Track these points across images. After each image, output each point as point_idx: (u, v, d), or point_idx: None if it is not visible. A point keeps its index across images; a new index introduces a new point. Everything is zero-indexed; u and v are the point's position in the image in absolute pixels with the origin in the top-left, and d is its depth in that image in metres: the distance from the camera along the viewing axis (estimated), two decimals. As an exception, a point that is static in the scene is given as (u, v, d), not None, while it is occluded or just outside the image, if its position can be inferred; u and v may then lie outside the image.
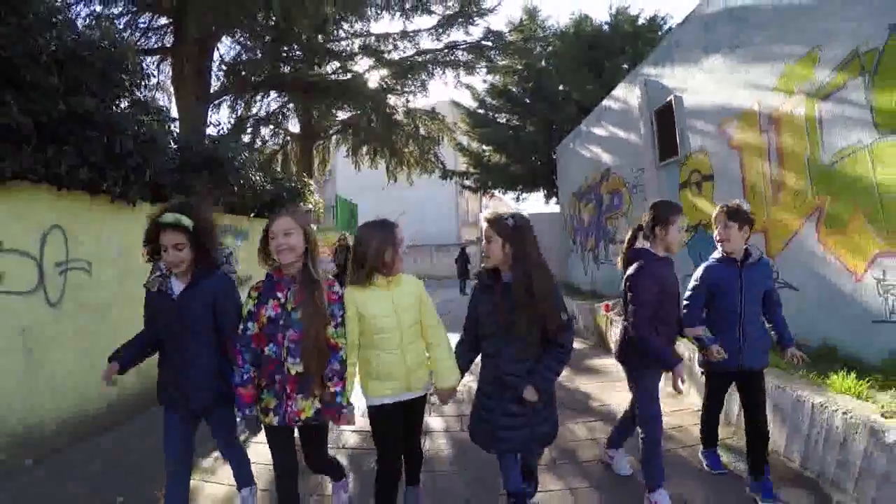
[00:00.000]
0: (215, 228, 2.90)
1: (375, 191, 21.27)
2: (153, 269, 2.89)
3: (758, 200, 5.92)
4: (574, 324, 2.98)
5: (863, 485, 3.12)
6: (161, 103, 6.76)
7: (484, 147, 20.28)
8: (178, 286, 2.78)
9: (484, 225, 2.81)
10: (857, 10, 4.62)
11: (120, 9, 12.19)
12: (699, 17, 7.19)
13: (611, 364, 7.15)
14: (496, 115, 20.06)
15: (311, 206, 10.20)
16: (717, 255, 3.56)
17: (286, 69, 12.75)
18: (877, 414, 3.21)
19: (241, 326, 2.67)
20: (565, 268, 14.65)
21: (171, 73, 11.24)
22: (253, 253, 7.13)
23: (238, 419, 2.80)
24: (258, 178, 7.43)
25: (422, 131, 17.60)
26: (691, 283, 3.57)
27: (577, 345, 8.55)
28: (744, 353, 3.40)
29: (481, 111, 20.05)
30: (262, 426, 2.71)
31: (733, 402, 4.43)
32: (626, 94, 9.86)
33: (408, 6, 12.57)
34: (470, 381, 3.75)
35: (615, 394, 5.76)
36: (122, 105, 4.89)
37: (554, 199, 18.83)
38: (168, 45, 12.77)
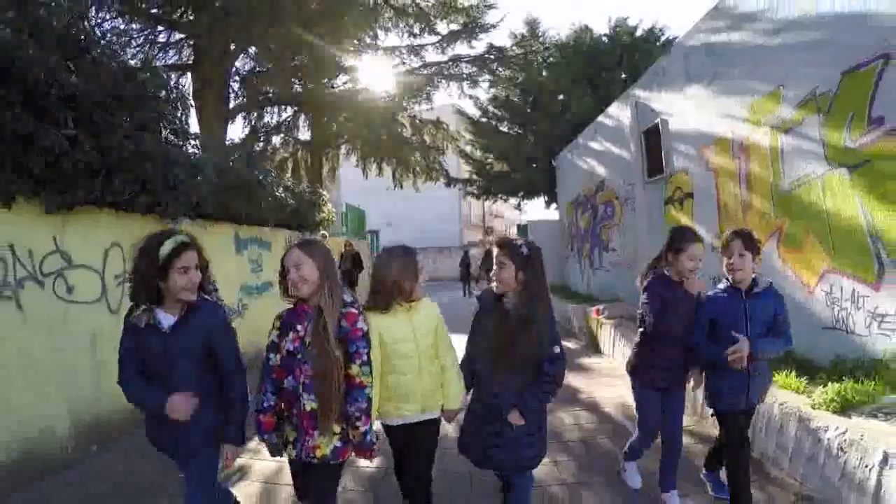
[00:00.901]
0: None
1: (379, 193, 21.83)
2: (132, 308, 2.60)
3: (730, 218, 6.63)
4: (565, 359, 2.89)
5: (795, 463, 3.84)
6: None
7: (486, 156, 21.01)
8: (166, 319, 2.56)
9: (496, 250, 2.87)
10: (815, 56, 5.29)
11: (140, 25, 13.00)
12: (682, 48, 7.89)
13: (598, 363, 7.91)
14: (498, 125, 20.76)
15: (323, 232, 10.93)
16: (722, 284, 3.42)
17: (298, 86, 13.52)
18: (807, 406, 3.92)
19: (266, 355, 2.65)
20: (564, 272, 15.38)
21: (191, 90, 11.99)
22: (274, 262, 7.92)
23: (220, 464, 2.73)
24: (281, 193, 8.21)
25: (427, 140, 18.32)
26: (696, 317, 3.45)
27: (570, 344, 9.33)
28: (750, 390, 3.28)
29: (484, 120, 20.75)
30: (285, 454, 2.72)
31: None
32: (619, 113, 10.56)
33: (415, 29, 13.28)
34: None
35: (601, 388, 6.53)
36: (172, 137, 5.57)
37: (554, 205, 19.51)
38: (187, 62, 13.54)
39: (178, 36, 13.73)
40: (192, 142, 6.13)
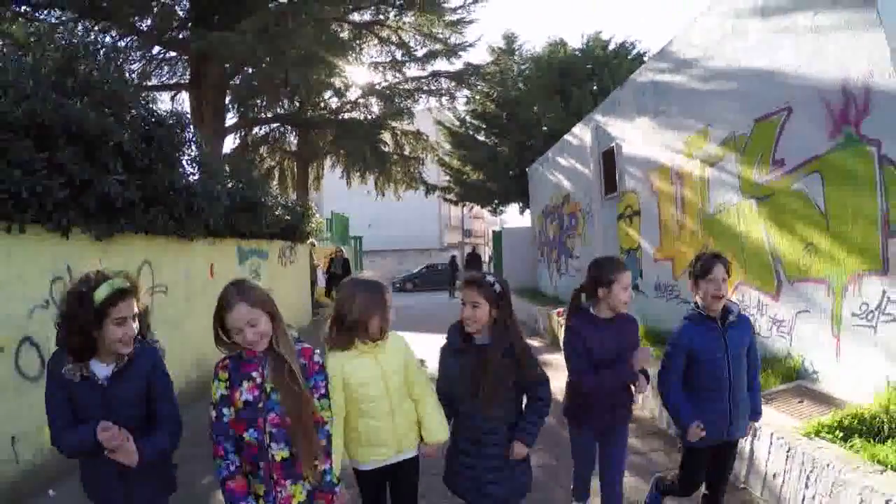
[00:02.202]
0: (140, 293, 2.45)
1: (360, 195, 22.41)
2: (58, 354, 2.34)
3: (669, 235, 7.74)
4: (549, 379, 2.92)
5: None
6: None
7: (464, 165, 22.09)
8: (101, 370, 2.32)
9: (465, 290, 2.75)
10: (735, 103, 6.34)
11: (138, 43, 13.81)
12: (634, 83, 8.99)
13: (558, 358, 8.95)
14: (476, 135, 21.87)
15: (312, 241, 11.90)
16: (691, 313, 3.22)
17: (286, 104, 14.54)
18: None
19: (215, 413, 2.35)
20: (534, 276, 16.53)
21: (189, 109, 12.85)
22: (274, 270, 8.94)
23: None
24: (279, 211, 9.23)
25: (407, 150, 19.33)
26: (667, 349, 3.28)
27: (535, 343, 10.38)
28: (732, 424, 3.14)
29: (461, 130, 21.81)
30: None
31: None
32: (582, 134, 11.66)
33: (397, 55, 14.30)
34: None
35: (558, 378, 7.54)
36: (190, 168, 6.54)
37: (528, 212, 20.66)
38: (182, 81, 14.43)
39: (172, 53, 14.63)
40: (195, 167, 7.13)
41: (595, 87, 18.91)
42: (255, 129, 17.73)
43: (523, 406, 2.86)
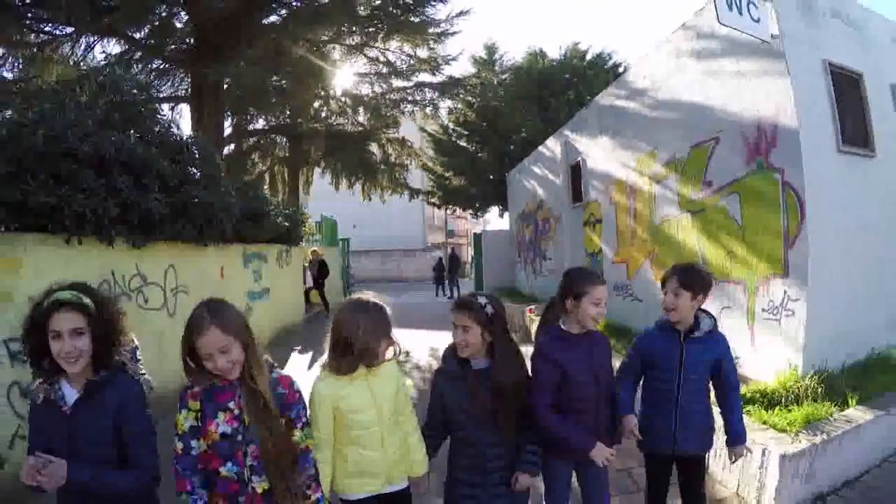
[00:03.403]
0: (121, 317, 2.34)
1: (345, 196, 22.98)
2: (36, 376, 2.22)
3: (624, 242, 8.87)
4: None
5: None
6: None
7: (446, 171, 23.15)
8: (70, 394, 2.14)
9: (455, 314, 2.66)
10: (676, 130, 7.43)
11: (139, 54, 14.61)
12: (597, 105, 10.09)
13: (529, 350, 10.06)
14: (458, 141, 22.92)
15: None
16: (659, 321, 3.23)
17: (278, 118, 15.59)
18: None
19: (181, 444, 2.18)
20: (512, 276, 17.68)
21: (190, 121, 13.74)
22: (273, 271, 10.00)
23: None
24: (280, 219, 10.28)
25: (392, 158, 20.35)
26: (626, 352, 3.38)
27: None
28: (678, 437, 3.04)
29: (444, 137, 22.85)
30: None
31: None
32: (554, 147, 12.77)
33: (384, 70, 15.31)
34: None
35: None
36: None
37: (507, 215, 21.72)
38: (179, 94, 15.33)
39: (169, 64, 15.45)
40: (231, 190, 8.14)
41: (572, 96, 19.91)
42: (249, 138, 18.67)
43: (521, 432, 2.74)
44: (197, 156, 7.06)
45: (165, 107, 15.95)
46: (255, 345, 2.29)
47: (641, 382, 3.25)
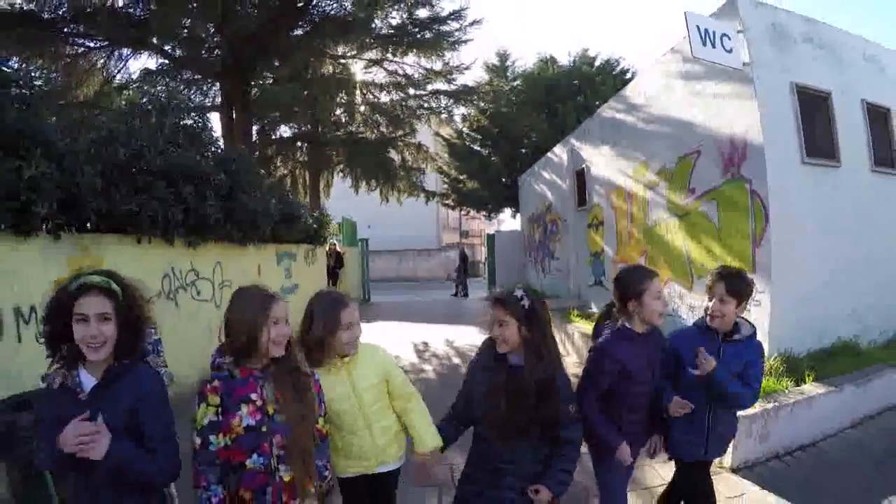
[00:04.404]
0: (147, 304, 2.20)
1: (361, 196, 23.97)
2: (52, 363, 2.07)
3: (623, 242, 9.75)
4: (581, 418, 2.70)
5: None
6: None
7: (460, 176, 24.10)
8: (87, 381, 2.02)
9: (494, 308, 2.57)
10: (666, 143, 8.28)
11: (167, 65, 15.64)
12: (599, 117, 10.98)
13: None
14: (472, 145, 23.88)
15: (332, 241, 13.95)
16: (698, 321, 3.21)
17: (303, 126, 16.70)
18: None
19: (199, 440, 2.16)
20: (523, 275, 18.63)
21: (221, 129, 14.75)
22: (301, 268, 11.07)
23: None
24: (310, 221, 11.33)
25: (409, 162, 21.31)
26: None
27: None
28: (709, 443, 3.05)
29: (458, 142, 23.78)
30: None
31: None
32: (561, 153, 13.65)
33: (402, 83, 16.31)
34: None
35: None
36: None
37: (518, 216, 22.65)
38: (208, 104, 16.39)
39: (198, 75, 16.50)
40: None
41: (582, 100, 20.54)
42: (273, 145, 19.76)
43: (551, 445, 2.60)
44: (242, 167, 8.03)
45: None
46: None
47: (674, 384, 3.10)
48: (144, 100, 7.27)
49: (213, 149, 7.69)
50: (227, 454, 2.19)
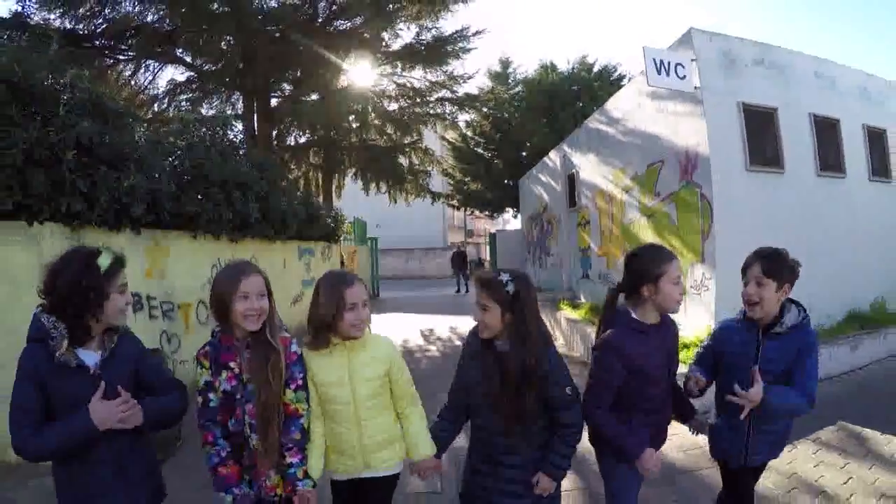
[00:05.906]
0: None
1: (370, 196, 24.61)
2: (31, 349, 2.02)
3: (605, 238, 11.10)
4: (579, 399, 2.51)
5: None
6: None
7: (464, 178, 25.51)
8: (89, 357, 2.09)
9: (478, 289, 2.45)
10: (638, 153, 9.56)
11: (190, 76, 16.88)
12: (587, 127, 12.31)
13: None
14: (476, 148, 25.24)
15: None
16: (739, 314, 2.85)
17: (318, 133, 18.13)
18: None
19: (201, 399, 2.32)
20: (524, 270, 19.91)
21: (243, 135, 16.06)
22: (318, 264, 12.63)
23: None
24: (328, 221, 12.75)
25: (417, 165, 22.65)
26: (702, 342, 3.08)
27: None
28: (750, 448, 2.68)
29: (463, 146, 25.21)
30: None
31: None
32: (556, 158, 15.00)
33: (409, 93, 17.69)
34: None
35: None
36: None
37: (519, 216, 24.00)
38: (230, 112, 17.68)
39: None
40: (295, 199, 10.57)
41: (581, 105, 21.78)
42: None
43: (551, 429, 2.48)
44: (274, 173, 9.42)
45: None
46: (274, 306, 2.41)
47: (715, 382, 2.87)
48: (196, 117, 8.63)
49: (242, 154, 9.07)
50: (220, 413, 2.36)
